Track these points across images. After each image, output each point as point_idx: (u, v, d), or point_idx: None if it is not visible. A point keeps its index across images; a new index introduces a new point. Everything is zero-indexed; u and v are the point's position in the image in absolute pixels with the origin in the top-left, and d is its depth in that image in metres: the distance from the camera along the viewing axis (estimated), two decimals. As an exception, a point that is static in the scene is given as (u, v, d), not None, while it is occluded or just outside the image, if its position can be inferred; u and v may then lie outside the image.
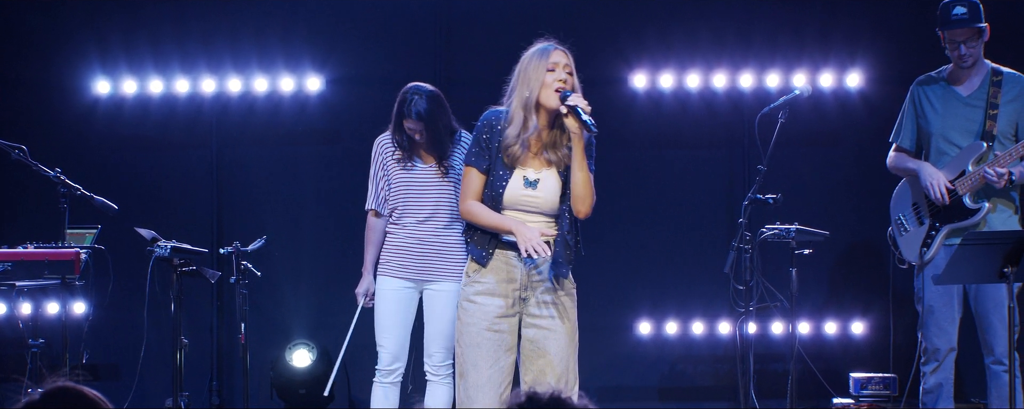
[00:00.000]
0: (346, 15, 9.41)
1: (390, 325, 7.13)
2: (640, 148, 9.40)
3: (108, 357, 9.16)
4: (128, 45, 9.32)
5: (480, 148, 5.99)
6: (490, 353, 5.96)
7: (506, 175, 5.93)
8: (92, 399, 3.30)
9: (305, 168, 9.39)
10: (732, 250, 7.42)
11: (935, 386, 7.34)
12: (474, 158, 6.01)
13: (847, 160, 9.38)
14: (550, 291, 5.96)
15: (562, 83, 5.85)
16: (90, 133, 9.32)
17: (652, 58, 9.30)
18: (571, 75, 5.91)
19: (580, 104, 5.78)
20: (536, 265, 5.92)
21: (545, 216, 5.97)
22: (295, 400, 9.03)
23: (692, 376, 9.47)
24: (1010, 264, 6.47)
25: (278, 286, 9.24)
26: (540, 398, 3.27)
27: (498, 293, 5.96)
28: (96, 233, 7.58)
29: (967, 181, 7.14)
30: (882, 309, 9.11)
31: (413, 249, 7.07)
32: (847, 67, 9.23)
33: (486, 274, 5.96)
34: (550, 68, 5.86)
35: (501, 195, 5.93)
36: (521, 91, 5.90)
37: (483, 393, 5.95)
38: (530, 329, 5.98)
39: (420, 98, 7.01)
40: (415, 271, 7.07)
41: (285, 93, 9.35)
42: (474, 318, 5.97)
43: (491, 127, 5.98)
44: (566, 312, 5.99)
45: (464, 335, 6.00)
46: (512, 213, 5.95)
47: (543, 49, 5.93)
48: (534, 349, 5.98)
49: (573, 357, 6.00)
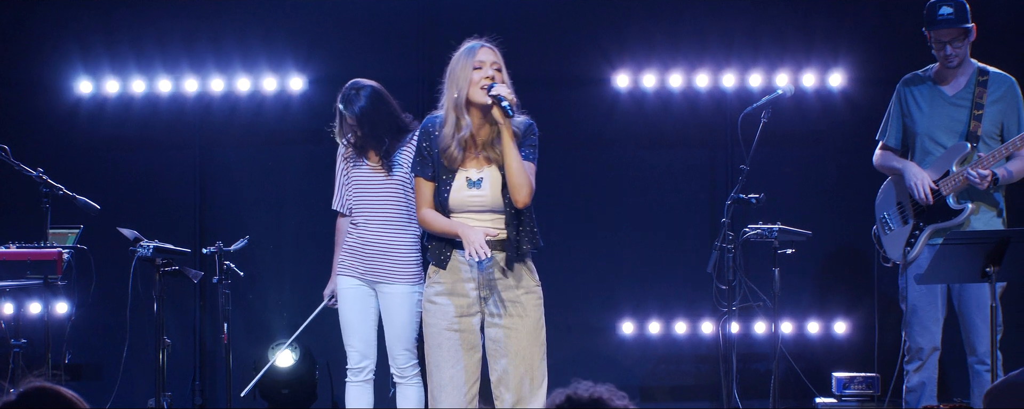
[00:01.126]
0: (328, 15, 9.41)
1: (353, 322, 7.15)
2: (623, 148, 9.40)
3: (90, 357, 9.14)
4: (110, 45, 9.30)
5: (422, 157, 6.03)
6: (451, 353, 5.98)
7: (449, 179, 5.95)
8: (68, 399, 3.30)
9: (288, 168, 9.38)
10: (715, 250, 7.43)
11: (918, 385, 7.35)
12: (418, 167, 6.06)
13: (830, 160, 9.39)
14: (510, 289, 5.96)
15: (489, 80, 5.87)
16: (72, 133, 9.30)
17: (634, 58, 9.30)
18: (499, 71, 5.93)
19: (503, 92, 5.80)
20: (489, 266, 5.92)
21: (494, 213, 5.97)
22: (278, 400, 9.02)
23: (675, 376, 9.47)
24: (992, 264, 6.48)
25: (261, 286, 9.23)
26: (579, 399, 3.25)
27: (457, 293, 5.97)
28: (78, 233, 7.57)
29: (951, 182, 7.14)
30: (865, 309, 9.12)
31: (361, 250, 7.08)
32: (830, 67, 9.24)
33: (444, 275, 5.98)
34: (477, 66, 5.90)
35: (447, 199, 5.95)
36: (451, 92, 5.95)
37: (446, 393, 5.97)
38: (492, 328, 6.00)
39: (357, 94, 7.01)
40: (365, 271, 7.08)
41: (268, 93, 9.34)
42: (435, 319, 6.00)
43: (428, 134, 6.01)
44: (527, 310, 5.98)
45: (427, 337, 6.03)
46: (461, 215, 5.96)
47: (469, 48, 5.97)
48: (496, 348, 5.99)
49: (537, 355, 5.99)
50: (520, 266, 5.96)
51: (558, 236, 8.87)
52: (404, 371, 7.07)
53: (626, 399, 3.28)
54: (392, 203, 7.05)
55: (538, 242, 6.02)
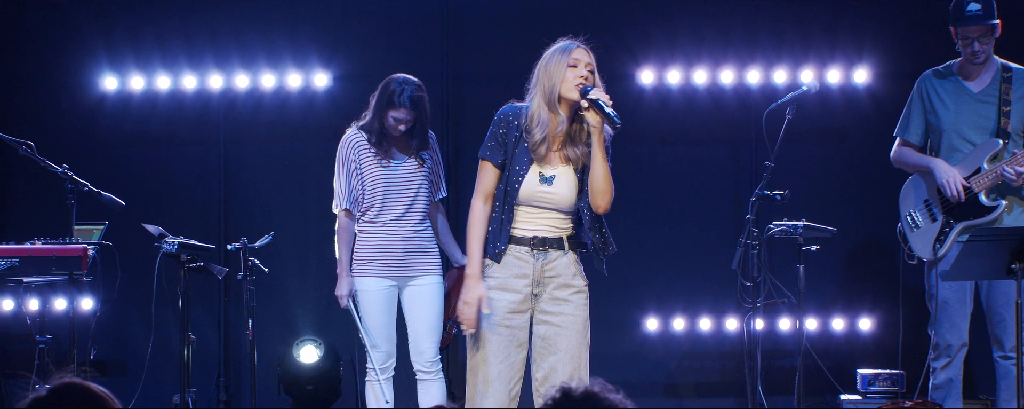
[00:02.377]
0: (352, 11, 9.42)
1: (382, 325, 7.13)
2: (647, 144, 9.39)
3: (116, 353, 9.17)
4: (135, 41, 9.32)
5: (496, 142, 5.98)
6: (501, 348, 5.95)
7: (522, 170, 5.92)
8: (99, 395, 3.31)
9: (312, 164, 9.37)
10: (739, 246, 7.42)
11: (945, 382, 7.33)
12: (489, 153, 6.00)
13: (854, 156, 9.36)
14: (563, 287, 5.96)
15: (583, 79, 5.85)
16: (97, 129, 9.32)
17: (659, 54, 9.29)
18: (593, 74, 5.91)
19: (602, 98, 5.79)
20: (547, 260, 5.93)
21: (560, 213, 5.97)
22: (302, 397, 9.03)
23: (699, 372, 9.46)
24: (1018, 260, 6.46)
25: (285, 282, 9.24)
26: (574, 394, 3.26)
27: (510, 288, 5.95)
28: (103, 229, 7.59)
29: (983, 178, 7.10)
30: (889, 305, 9.10)
31: (395, 247, 7.06)
32: (854, 63, 9.21)
33: (498, 269, 5.96)
34: (572, 64, 5.87)
35: (517, 190, 5.92)
36: (543, 86, 5.89)
37: (494, 388, 5.94)
38: (542, 326, 5.98)
39: (409, 86, 7.01)
40: (398, 269, 7.07)
41: (292, 89, 9.35)
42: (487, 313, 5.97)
43: (508, 122, 5.97)
44: (578, 309, 5.98)
45: (476, 330, 6.00)
46: (527, 209, 5.95)
47: (565, 47, 5.94)
48: (545, 346, 5.97)
49: (584, 354, 6.00)
50: (573, 265, 5.98)
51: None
52: (431, 366, 7.06)
53: (619, 393, 3.29)
54: (421, 197, 7.08)
55: (611, 245, 6.07)
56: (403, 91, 6.97)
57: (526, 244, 5.92)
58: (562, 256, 5.95)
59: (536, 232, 5.93)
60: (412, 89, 6.99)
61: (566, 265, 5.97)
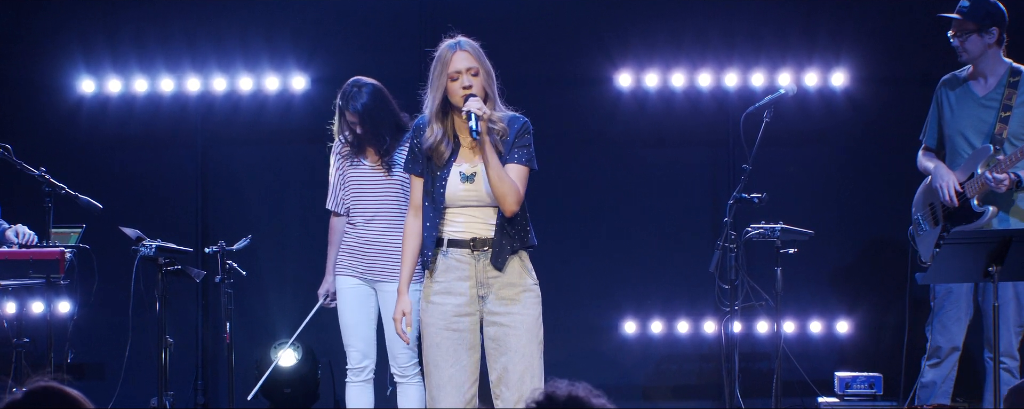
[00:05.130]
0: (330, 14, 9.42)
1: (353, 323, 7.14)
2: (625, 147, 9.41)
3: (93, 356, 9.15)
4: (112, 44, 9.31)
5: (414, 154, 6.00)
6: (450, 352, 5.94)
7: (444, 173, 5.91)
8: (74, 398, 3.30)
9: (290, 167, 9.39)
10: (717, 249, 7.43)
11: (930, 382, 7.33)
12: (410, 165, 6.03)
13: (832, 159, 9.39)
14: (508, 287, 5.93)
15: (467, 90, 5.84)
16: (75, 132, 9.31)
17: (636, 57, 9.31)
18: (476, 76, 5.87)
19: (472, 109, 5.76)
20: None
21: (489, 208, 5.93)
22: (280, 399, 9.02)
23: (677, 375, 9.47)
24: (995, 263, 6.46)
25: (263, 285, 9.24)
26: (558, 397, 3.25)
27: (454, 291, 5.93)
28: (81, 232, 7.57)
29: (975, 184, 7.10)
30: (867, 308, 9.13)
31: (361, 249, 7.08)
32: (832, 66, 9.23)
33: (440, 274, 5.95)
34: (453, 77, 5.86)
35: (442, 194, 5.91)
36: (430, 97, 5.94)
37: (445, 392, 5.94)
38: (491, 327, 5.96)
39: (359, 91, 7.01)
40: (364, 270, 7.08)
41: (270, 92, 9.35)
42: (433, 318, 5.95)
43: (419, 132, 5.99)
44: (526, 308, 5.95)
45: (425, 336, 5.99)
46: (455, 210, 5.92)
47: (443, 57, 5.93)
48: (496, 347, 5.96)
49: (537, 353, 5.96)
50: (517, 264, 5.92)
51: (560, 235, 8.88)
52: (406, 370, 7.07)
53: (603, 397, 3.28)
54: (392, 202, 7.05)
55: (529, 241, 5.98)
56: (351, 95, 7.02)
57: (465, 246, 5.90)
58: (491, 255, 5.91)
59: (472, 233, 5.91)
60: (361, 94, 7.01)
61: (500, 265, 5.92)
